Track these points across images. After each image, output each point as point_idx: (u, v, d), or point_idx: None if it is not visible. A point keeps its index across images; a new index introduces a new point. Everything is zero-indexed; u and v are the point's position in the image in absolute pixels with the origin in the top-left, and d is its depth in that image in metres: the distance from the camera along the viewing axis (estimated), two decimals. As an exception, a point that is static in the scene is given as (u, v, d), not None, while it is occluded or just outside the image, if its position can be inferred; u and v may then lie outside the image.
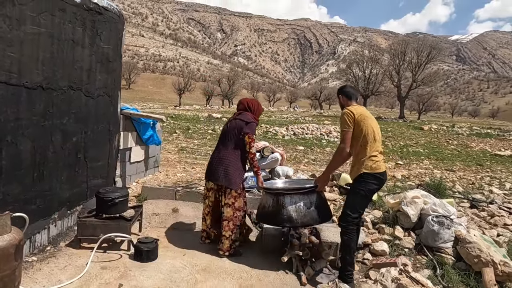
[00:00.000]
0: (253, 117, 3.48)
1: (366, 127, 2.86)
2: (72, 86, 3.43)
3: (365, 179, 2.84)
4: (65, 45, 3.29)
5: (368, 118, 2.93)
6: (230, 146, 3.38)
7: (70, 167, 3.55)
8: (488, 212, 4.68)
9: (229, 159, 3.34)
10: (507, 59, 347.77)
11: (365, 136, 2.86)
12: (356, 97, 3.14)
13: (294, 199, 3.11)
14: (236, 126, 3.39)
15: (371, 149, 2.86)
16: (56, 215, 3.40)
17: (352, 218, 2.88)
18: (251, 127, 3.37)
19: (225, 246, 3.37)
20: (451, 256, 3.34)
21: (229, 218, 3.37)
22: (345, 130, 2.87)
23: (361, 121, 2.87)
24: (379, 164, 2.88)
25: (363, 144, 2.87)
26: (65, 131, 3.39)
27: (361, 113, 2.90)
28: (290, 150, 11.07)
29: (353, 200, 2.92)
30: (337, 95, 3.22)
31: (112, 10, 3.98)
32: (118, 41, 4.21)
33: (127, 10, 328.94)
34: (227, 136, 3.42)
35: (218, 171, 3.35)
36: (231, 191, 3.34)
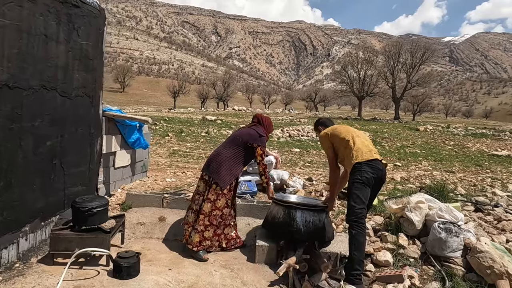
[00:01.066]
0: (265, 132, 3.59)
1: (340, 133, 3.16)
2: (45, 85, 3.13)
3: (358, 169, 2.91)
4: (36, 40, 2.99)
5: (340, 126, 3.28)
6: (234, 147, 3.43)
7: (44, 174, 3.24)
8: (494, 216, 4.43)
9: (226, 157, 3.38)
10: (499, 60, 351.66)
11: (343, 140, 3.10)
12: (332, 123, 3.53)
13: (305, 214, 3.23)
14: (249, 132, 3.48)
15: (354, 145, 3.02)
16: (28, 228, 3.08)
17: (358, 209, 2.83)
18: (263, 141, 3.50)
19: (195, 240, 3.28)
20: (460, 267, 3.07)
21: (206, 213, 3.31)
22: (326, 153, 3.29)
23: (334, 133, 3.19)
24: (366, 153, 2.98)
25: (347, 147, 3.06)
26: (37, 134, 3.09)
27: (331, 128, 3.30)
28: (285, 152, 10.80)
29: (353, 191, 2.91)
30: (315, 130, 3.61)
31: (91, 4, 3.68)
32: (99, 37, 3.92)
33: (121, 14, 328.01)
34: (235, 138, 3.49)
35: (211, 163, 3.40)
36: (216, 187, 3.31)
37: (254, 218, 4.03)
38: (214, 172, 3.33)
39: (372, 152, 3.02)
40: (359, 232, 2.79)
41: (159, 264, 3.13)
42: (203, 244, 3.30)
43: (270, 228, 3.41)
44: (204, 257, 3.28)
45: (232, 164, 3.37)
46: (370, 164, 2.92)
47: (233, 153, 3.40)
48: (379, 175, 2.96)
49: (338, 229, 3.91)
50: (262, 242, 3.35)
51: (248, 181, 4.70)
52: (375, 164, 2.94)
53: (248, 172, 4.91)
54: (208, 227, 3.30)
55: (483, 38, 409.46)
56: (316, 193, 4.81)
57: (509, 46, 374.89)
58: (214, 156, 3.44)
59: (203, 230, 3.29)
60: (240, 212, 4.11)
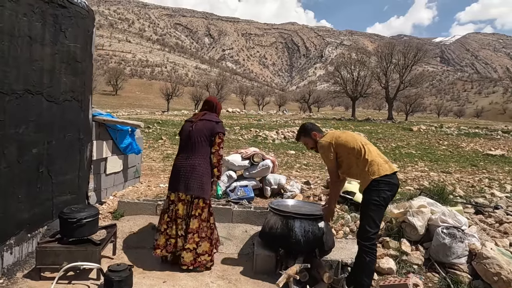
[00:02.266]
0: (216, 116, 3.27)
1: (347, 142, 2.78)
2: (29, 89, 2.97)
3: (375, 187, 2.60)
4: (20, 42, 2.83)
5: (341, 134, 2.89)
6: (201, 151, 3.08)
7: (30, 183, 3.07)
8: (496, 219, 4.35)
9: (203, 167, 3.06)
10: (489, 60, 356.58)
11: (353, 149, 2.74)
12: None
13: (304, 224, 3.08)
14: (205, 127, 3.11)
15: (369, 156, 2.70)
16: (13, 240, 2.91)
17: (372, 234, 2.59)
18: (222, 127, 3.17)
19: (188, 259, 3.04)
20: (466, 274, 2.97)
21: (195, 230, 3.05)
22: (327, 164, 2.86)
23: (339, 142, 2.79)
24: (384, 166, 2.66)
25: (359, 157, 2.72)
26: (21, 141, 2.92)
27: (333, 137, 2.85)
28: (281, 155, 10.68)
29: (369, 214, 2.61)
30: (306, 137, 3.03)
31: (79, 4, 3.53)
32: (88, 39, 3.76)
33: (113, 16, 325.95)
34: (195, 139, 3.09)
35: (191, 181, 3.03)
36: (199, 200, 3.05)
37: (251, 225, 3.90)
38: (197, 189, 3.02)
39: (388, 163, 2.72)
40: (372, 259, 2.61)
41: (153, 277, 2.98)
42: (197, 260, 3.07)
43: (267, 239, 3.27)
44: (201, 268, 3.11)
45: (209, 170, 3.11)
46: (388, 181, 2.62)
47: (206, 160, 3.10)
48: (395, 191, 2.70)
49: (338, 235, 3.79)
50: (261, 251, 3.22)
51: (245, 186, 4.56)
52: (393, 180, 2.65)
53: (244, 177, 4.78)
54: (198, 242, 3.05)
55: (473, 38, 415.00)
56: (315, 197, 4.69)
57: (498, 46, 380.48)
58: (189, 172, 3.04)
59: (195, 248, 3.05)
60: (237, 218, 3.98)
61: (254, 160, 4.79)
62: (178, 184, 3.07)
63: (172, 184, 3.13)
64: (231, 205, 4.13)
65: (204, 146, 3.07)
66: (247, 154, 4.82)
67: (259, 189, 4.82)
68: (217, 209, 4.01)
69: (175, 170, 3.14)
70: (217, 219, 3.96)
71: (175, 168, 3.15)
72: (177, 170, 3.11)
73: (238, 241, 3.70)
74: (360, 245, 2.64)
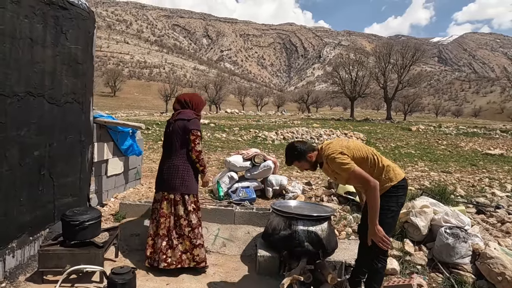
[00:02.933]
0: (194, 113, 3.22)
1: (358, 151, 2.51)
2: (31, 91, 2.95)
3: (394, 193, 2.47)
4: (21, 44, 2.81)
5: (350, 142, 2.61)
6: (180, 150, 3.13)
7: (32, 186, 3.05)
8: (497, 218, 4.36)
9: (184, 166, 3.12)
10: (487, 59, 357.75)
11: (366, 158, 2.51)
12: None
13: (307, 225, 3.08)
14: (179, 126, 3.12)
15: (380, 162, 2.53)
16: (15, 244, 2.89)
17: (390, 241, 2.50)
18: (195, 123, 3.13)
19: (202, 255, 3.10)
20: (470, 274, 2.97)
21: (196, 224, 3.13)
22: (352, 170, 2.37)
23: (351, 151, 2.49)
24: (398, 170, 2.57)
25: (371, 165, 2.51)
26: (23, 144, 2.90)
27: (339, 146, 2.51)
28: (280, 155, 10.67)
29: (387, 221, 2.44)
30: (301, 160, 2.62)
31: (79, 6, 3.51)
32: (88, 41, 3.74)
33: (111, 17, 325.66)
34: (172, 140, 3.14)
35: (173, 180, 3.09)
36: (189, 196, 3.13)
37: (254, 226, 3.88)
38: (182, 187, 3.10)
39: (397, 167, 2.60)
40: (384, 266, 2.57)
41: (156, 279, 2.97)
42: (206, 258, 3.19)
43: (270, 240, 3.26)
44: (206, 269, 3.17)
45: (190, 167, 3.15)
46: (403, 185, 2.53)
47: (186, 159, 3.14)
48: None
49: (340, 236, 3.79)
50: (264, 252, 3.21)
51: (247, 187, 4.55)
52: (406, 184, 2.57)
53: (246, 178, 4.77)
54: (179, 239, 3.10)
55: (471, 38, 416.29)
56: (316, 198, 4.69)
57: (496, 46, 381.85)
58: (172, 172, 3.11)
59: (202, 243, 3.13)
60: (239, 220, 3.97)
61: (256, 161, 4.78)
62: (162, 185, 3.14)
63: (157, 184, 3.22)
64: (233, 207, 4.11)
65: (182, 145, 3.12)
66: (248, 155, 4.81)
67: (261, 190, 4.81)
68: (219, 210, 4.00)
69: (159, 172, 3.23)
70: (219, 220, 3.96)
71: (159, 169, 3.24)
72: (161, 171, 3.20)
73: (241, 243, 3.69)
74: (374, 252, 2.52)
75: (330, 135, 16.36)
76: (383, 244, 2.37)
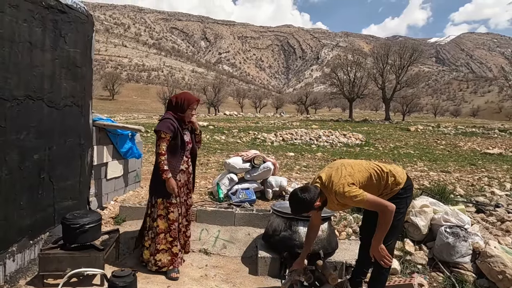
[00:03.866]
0: (172, 114, 3.12)
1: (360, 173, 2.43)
2: (30, 95, 2.95)
3: (402, 195, 2.47)
4: (20, 48, 2.81)
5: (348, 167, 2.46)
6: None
7: (32, 189, 3.04)
8: (497, 217, 4.36)
9: (155, 169, 3.12)
10: (484, 59, 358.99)
11: (370, 176, 2.44)
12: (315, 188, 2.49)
13: (307, 226, 2.95)
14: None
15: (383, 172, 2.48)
16: (15, 247, 2.88)
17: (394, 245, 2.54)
18: (160, 123, 3.06)
19: (165, 260, 3.10)
20: (471, 273, 2.97)
21: (164, 230, 3.12)
22: (365, 200, 2.28)
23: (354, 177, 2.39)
24: (399, 171, 2.54)
25: (376, 179, 2.46)
26: (23, 147, 2.90)
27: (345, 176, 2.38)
28: (280, 157, 10.68)
29: (395, 223, 2.39)
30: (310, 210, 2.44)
31: (78, 9, 3.52)
32: (87, 44, 3.75)
33: (109, 21, 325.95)
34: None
35: (150, 183, 3.22)
36: (158, 200, 3.11)
37: (254, 227, 3.89)
38: (152, 190, 3.18)
39: (399, 170, 2.59)
40: (388, 269, 2.55)
41: (157, 281, 2.96)
42: (174, 263, 3.11)
43: (271, 242, 3.27)
44: (174, 275, 3.03)
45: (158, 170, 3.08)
46: (410, 185, 2.55)
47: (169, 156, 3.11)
48: None
49: (341, 236, 3.79)
50: (265, 254, 3.21)
51: (246, 188, 4.55)
52: (412, 183, 2.58)
53: (245, 180, 4.77)
54: (173, 242, 3.11)
55: (468, 38, 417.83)
56: (316, 199, 4.69)
57: (493, 46, 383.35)
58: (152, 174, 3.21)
59: (170, 248, 3.10)
60: (239, 221, 3.97)
61: (255, 162, 4.78)
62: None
63: None
64: (233, 208, 4.12)
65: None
66: (247, 156, 4.81)
67: (261, 192, 4.81)
68: (219, 212, 4.01)
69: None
70: (219, 222, 3.96)
71: None
72: None
73: (241, 244, 3.69)
74: None
75: (329, 136, 16.37)
76: (385, 262, 2.36)
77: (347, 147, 14.33)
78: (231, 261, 3.45)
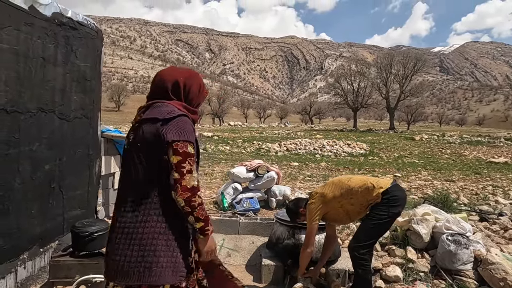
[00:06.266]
0: (182, 107, 1.60)
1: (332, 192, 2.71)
2: (42, 108, 3.08)
3: (385, 203, 2.57)
4: (34, 63, 2.95)
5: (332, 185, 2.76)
6: (148, 190, 1.51)
7: (42, 199, 3.15)
8: (500, 225, 4.38)
9: (157, 226, 1.49)
10: (489, 68, 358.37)
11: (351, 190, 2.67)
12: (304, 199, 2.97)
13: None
14: (146, 136, 1.51)
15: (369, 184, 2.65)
16: (26, 255, 2.97)
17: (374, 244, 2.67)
18: (179, 126, 1.50)
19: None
20: (473, 280, 3.00)
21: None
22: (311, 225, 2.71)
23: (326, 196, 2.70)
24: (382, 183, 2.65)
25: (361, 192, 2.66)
26: (35, 158, 3.02)
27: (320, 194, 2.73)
28: (284, 166, 10.74)
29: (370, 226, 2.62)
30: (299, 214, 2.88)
31: (88, 25, 3.68)
32: (97, 58, 3.90)
33: (115, 34, 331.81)
34: (130, 167, 1.56)
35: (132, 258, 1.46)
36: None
37: (258, 236, 3.95)
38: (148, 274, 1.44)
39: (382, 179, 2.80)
40: (365, 271, 2.65)
41: None
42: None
43: (275, 250, 3.32)
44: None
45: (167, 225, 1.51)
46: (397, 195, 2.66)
47: (163, 205, 1.51)
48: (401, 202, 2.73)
49: (344, 245, 3.83)
50: (269, 262, 3.26)
51: (250, 198, 4.62)
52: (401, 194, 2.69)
53: (250, 189, 4.85)
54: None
55: (472, 47, 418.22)
56: (319, 208, 4.74)
57: (497, 55, 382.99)
58: (129, 239, 1.48)
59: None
60: (243, 230, 4.03)
61: (259, 172, 4.86)
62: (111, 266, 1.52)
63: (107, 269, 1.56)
64: (238, 217, 4.18)
65: (151, 176, 1.52)
66: (252, 166, 4.90)
67: (265, 201, 4.88)
68: (224, 221, 4.08)
69: (110, 237, 1.60)
70: (224, 231, 4.03)
71: (111, 230, 1.61)
72: (112, 237, 1.57)
73: (245, 253, 3.75)
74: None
75: (333, 145, 16.42)
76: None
77: (351, 156, 14.36)
78: (236, 269, 3.50)
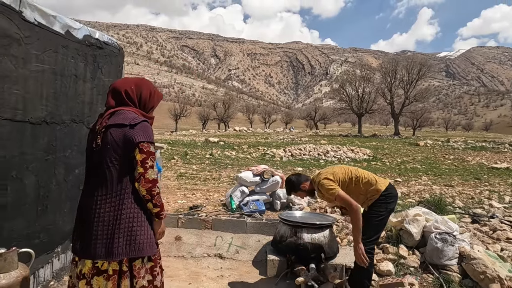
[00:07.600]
0: (140, 113, 1.89)
1: (343, 174, 2.87)
2: (74, 119, 3.50)
3: (383, 200, 2.84)
4: (68, 80, 3.38)
5: (336, 168, 2.97)
6: (120, 184, 1.79)
7: (72, 199, 3.55)
8: (490, 227, 4.69)
9: (131, 211, 1.78)
10: (495, 73, 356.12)
11: (351, 179, 2.87)
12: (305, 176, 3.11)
13: (310, 232, 3.49)
14: (114, 139, 1.78)
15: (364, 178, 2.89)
16: (59, 249, 3.38)
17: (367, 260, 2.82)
18: (144, 130, 1.80)
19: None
20: (457, 274, 3.33)
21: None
22: (337, 194, 2.71)
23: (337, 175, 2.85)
24: (380, 181, 2.94)
25: (356, 183, 2.88)
26: (68, 163, 3.43)
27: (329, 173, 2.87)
28: (288, 171, 11.09)
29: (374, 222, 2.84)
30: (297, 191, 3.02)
31: (112, 44, 4.11)
32: (118, 73, 4.33)
33: (122, 40, 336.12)
34: (102, 165, 1.81)
35: (115, 238, 1.74)
36: (145, 260, 1.85)
37: (263, 235, 4.32)
38: (131, 248, 1.75)
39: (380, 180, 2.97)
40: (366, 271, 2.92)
41: (179, 279, 3.40)
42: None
43: (279, 247, 3.66)
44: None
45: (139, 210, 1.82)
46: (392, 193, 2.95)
47: (132, 194, 1.81)
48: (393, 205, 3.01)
49: (342, 243, 4.18)
50: (273, 257, 3.63)
51: (256, 200, 5.00)
52: (395, 192, 2.99)
53: (256, 192, 5.22)
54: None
55: (478, 52, 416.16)
56: (321, 210, 5.10)
57: (504, 59, 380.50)
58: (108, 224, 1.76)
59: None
60: (250, 229, 4.40)
61: (265, 176, 5.24)
62: (89, 247, 1.77)
63: (80, 247, 1.83)
64: (245, 218, 4.56)
65: (121, 173, 1.80)
66: (258, 171, 5.27)
67: (270, 203, 5.25)
68: (232, 221, 4.46)
69: (79, 222, 1.91)
70: (232, 230, 4.41)
71: (78, 221, 1.93)
72: (82, 223, 1.87)
73: (252, 250, 4.11)
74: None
75: (337, 151, 16.73)
76: (361, 261, 2.72)
77: (354, 162, 14.66)
78: (243, 264, 3.87)
